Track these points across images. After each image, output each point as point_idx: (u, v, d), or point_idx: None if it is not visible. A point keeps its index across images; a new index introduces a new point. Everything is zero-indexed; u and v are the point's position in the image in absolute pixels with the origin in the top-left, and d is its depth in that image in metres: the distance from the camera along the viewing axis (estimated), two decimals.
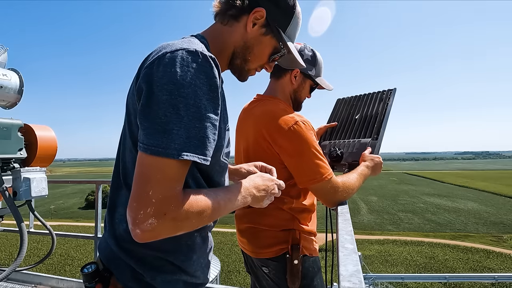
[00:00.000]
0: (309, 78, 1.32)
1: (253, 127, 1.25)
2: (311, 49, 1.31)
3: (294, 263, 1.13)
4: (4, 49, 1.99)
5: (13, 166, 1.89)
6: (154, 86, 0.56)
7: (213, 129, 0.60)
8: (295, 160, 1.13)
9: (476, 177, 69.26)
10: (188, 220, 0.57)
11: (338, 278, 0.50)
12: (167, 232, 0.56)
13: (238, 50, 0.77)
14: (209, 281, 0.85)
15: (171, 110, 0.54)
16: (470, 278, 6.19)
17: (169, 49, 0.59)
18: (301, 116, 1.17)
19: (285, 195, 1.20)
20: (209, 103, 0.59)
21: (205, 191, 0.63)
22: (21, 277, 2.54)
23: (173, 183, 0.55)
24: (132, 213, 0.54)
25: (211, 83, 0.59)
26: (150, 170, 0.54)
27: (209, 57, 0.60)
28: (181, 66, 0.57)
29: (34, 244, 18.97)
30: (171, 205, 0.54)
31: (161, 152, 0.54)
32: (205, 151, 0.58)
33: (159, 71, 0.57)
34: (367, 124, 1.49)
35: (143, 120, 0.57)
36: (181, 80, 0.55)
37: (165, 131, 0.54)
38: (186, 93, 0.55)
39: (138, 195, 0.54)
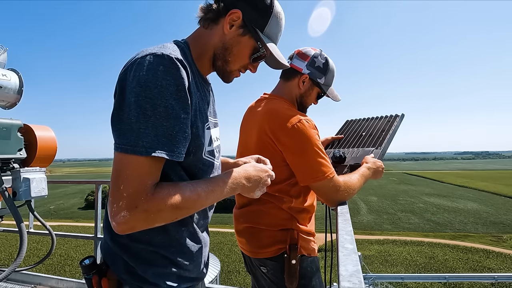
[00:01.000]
0: (317, 86, 1.31)
1: (257, 125, 1.26)
2: (325, 57, 1.30)
3: (292, 263, 1.13)
4: (4, 49, 1.99)
5: (13, 166, 1.89)
6: (125, 89, 0.62)
7: (182, 127, 0.64)
8: (298, 158, 1.13)
9: (476, 177, 69.28)
10: (162, 212, 0.60)
11: (338, 278, 0.50)
12: (141, 224, 0.59)
13: (218, 51, 0.79)
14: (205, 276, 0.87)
15: (139, 110, 0.59)
16: (470, 278, 6.19)
17: (140, 54, 0.64)
18: (304, 115, 1.18)
19: (284, 195, 1.20)
20: (177, 103, 0.62)
21: (183, 184, 0.66)
22: (21, 278, 2.54)
23: (144, 177, 0.59)
24: (109, 206, 0.59)
25: (178, 84, 0.63)
26: (121, 166, 0.59)
27: (175, 59, 0.64)
28: (148, 69, 0.60)
29: (33, 244, 18.96)
30: (141, 198, 0.58)
31: (129, 150, 0.58)
32: (173, 147, 0.62)
33: (130, 75, 0.62)
34: (373, 137, 1.52)
35: (115, 121, 0.62)
36: (147, 82, 0.60)
37: (133, 130, 0.59)
38: (153, 94, 0.59)
39: (112, 190, 0.59)
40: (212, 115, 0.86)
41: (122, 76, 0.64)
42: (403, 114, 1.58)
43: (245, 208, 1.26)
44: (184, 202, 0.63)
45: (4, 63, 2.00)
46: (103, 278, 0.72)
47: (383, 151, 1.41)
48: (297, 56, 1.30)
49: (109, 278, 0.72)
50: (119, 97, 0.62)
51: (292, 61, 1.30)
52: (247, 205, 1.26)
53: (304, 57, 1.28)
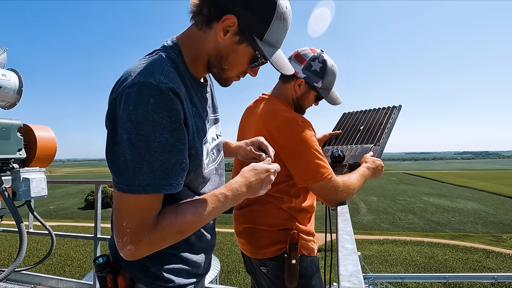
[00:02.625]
0: (314, 90, 1.29)
1: (254, 126, 1.25)
2: (324, 60, 1.25)
3: (292, 262, 1.13)
4: (4, 49, 1.99)
5: (13, 166, 1.89)
6: (116, 123, 0.60)
7: (179, 158, 0.63)
8: (295, 160, 1.13)
9: (476, 177, 69.30)
10: (165, 240, 0.64)
11: (338, 278, 0.50)
12: (147, 253, 0.63)
13: (213, 59, 0.73)
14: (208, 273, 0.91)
15: (133, 149, 0.58)
16: (469, 278, 6.20)
17: (129, 81, 0.60)
18: (301, 117, 1.18)
19: (284, 195, 1.20)
20: (171, 136, 0.61)
21: (185, 207, 0.67)
22: (21, 278, 2.54)
23: (144, 212, 0.60)
24: (116, 239, 0.62)
25: (170, 116, 0.60)
26: (121, 204, 0.61)
27: (166, 89, 0.60)
28: (138, 103, 0.58)
29: (33, 244, 18.95)
30: (144, 232, 0.60)
31: (126, 189, 0.59)
32: (171, 181, 0.62)
33: (120, 108, 0.59)
34: (371, 133, 1.51)
35: (110, 157, 0.61)
36: (138, 118, 0.57)
37: (128, 169, 0.59)
38: (145, 131, 0.58)
39: (116, 226, 0.62)
40: (212, 111, 0.85)
41: (112, 106, 0.61)
42: (400, 105, 1.56)
43: (245, 209, 1.26)
44: (186, 226, 0.65)
45: (4, 63, 2.00)
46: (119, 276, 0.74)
47: (382, 147, 1.40)
48: (295, 58, 1.28)
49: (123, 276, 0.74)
50: (112, 131, 0.61)
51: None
52: (247, 205, 1.26)
53: (301, 60, 1.26)
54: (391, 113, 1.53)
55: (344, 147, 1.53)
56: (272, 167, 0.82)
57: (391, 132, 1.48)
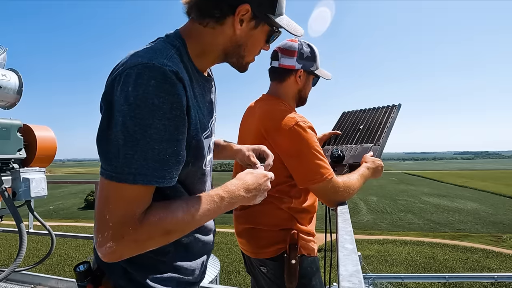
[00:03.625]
0: (312, 74, 1.32)
1: (254, 126, 1.26)
2: (308, 45, 1.29)
3: (292, 262, 1.13)
4: (4, 49, 1.99)
5: (13, 166, 1.89)
6: (112, 105, 0.55)
7: (176, 149, 0.58)
8: (295, 161, 1.13)
9: (476, 177, 69.29)
10: (151, 239, 0.57)
11: (338, 278, 0.50)
12: (130, 252, 0.56)
13: (230, 50, 0.72)
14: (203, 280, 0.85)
15: (127, 133, 0.53)
16: (469, 278, 6.20)
17: (128, 63, 0.56)
18: (302, 117, 1.18)
19: (284, 195, 1.20)
20: (170, 123, 0.56)
21: (176, 204, 0.60)
22: (21, 278, 2.54)
23: (131, 206, 0.54)
24: (95, 235, 0.55)
25: (172, 101, 0.56)
26: (107, 193, 0.54)
27: (169, 72, 0.56)
28: (137, 84, 0.53)
29: (33, 244, 18.97)
30: (129, 228, 0.54)
31: (115, 177, 0.53)
32: (165, 173, 0.57)
33: (117, 90, 0.55)
34: (370, 132, 1.51)
35: (101, 142, 0.56)
36: (137, 100, 0.53)
37: (119, 155, 0.53)
38: (143, 115, 0.53)
39: (97, 219, 0.54)
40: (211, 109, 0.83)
41: (109, 89, 0.57)
42: (400, 104, 1.56)
43: (245, 209, 1.27)
44: (176, 225, 0.59)
45: (4, 63, 2.00)
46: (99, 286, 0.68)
47: (382, 147, 1.40)
48: (283, 54, 1.27)
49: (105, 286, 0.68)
50: (106, 115, 0.56)
51: (280, 62, 1.28)
52: (247, 206, 1.27)
53: (290, 53, 1.26)
54: (391, 112, 1.53)
55: (344, 146, 1.53)
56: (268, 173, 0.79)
57: (390, 131, 1.48)
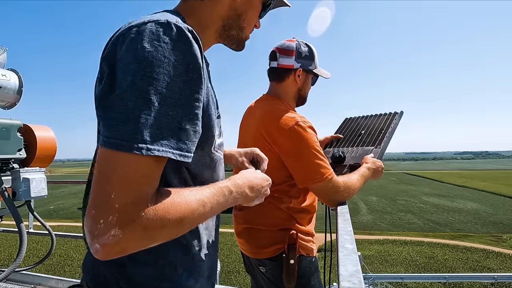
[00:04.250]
0: (310, 73, 1.33)
1: (254, 126, 1.26)
2: (306, 44, 1.30)
3: (290, 262, 1.14)
4: (4, 49, 1.99)
5: (13, 166, 1.89)
6: (117, 67, 0.47)
7: (193, 118, 0.50)
8: (295, 160, 1.13)
9: (476, 177, 69.32)
10: (164, 228, 0.46)
11: (338, 278, 0.50)
12: (136, 245, 0.45)
13: (230, 21, 0.69)
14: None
15: (137, 94, 0.44)
16: (469, 278, 6.19)
17: (135, 23, 0.49)
18: (302, 117, 1.18)
19: (283, 195, 1.20)
20: (186, 86, 0.49)
21: (188, 192, 0.52)
22: (21, 278, 2.54)
23: (143, 183, 0.45)
24: (90, 223, 0.42)
25: (189, 62, 0.49)
26: (112, 168, 0.44)
27: (186, 29, 0.50)
28: (150, 41, 0.46)
29: (33, 244, 18.95)
30: (141, 211, 0.44)
31: (125, 146, 0.43)
32: (182, 144, 0.48)
33: (122, 49, 0.47)
34: (372, 136, 1.53)
35: (104, 108, 0.47)
36: (149, 57, 0.45)
37: (129, 120, 0.44)
38: (156, 73, 0.45)
39: (97, 200, 0.43)
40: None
41: (111, 51, 0.49)
42: (402, 111, 1.59)
43: (245, 209, 1.27)
44: (190, 214, 0.49)
45: (4, 63, 2.00)
46: None
47: (383, 149, 1.41)
48: (281, 54, 1.29)
49: None
50: (109, 78, 0.47)
51: (279, 61, 1.29)
52: (246, 206, 1.27)
53: (288, 52, 1.28)
54: (393, 119, 1.55)
55: (345, 149, 1.55)
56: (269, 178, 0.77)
57: (392, 137, 1.50)
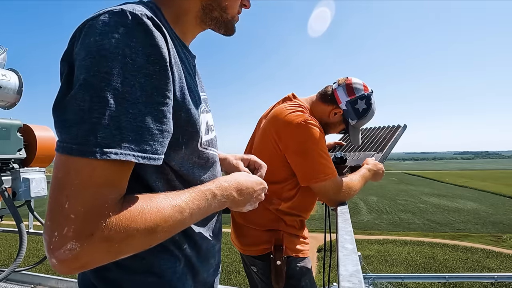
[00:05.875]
0: (345, 124, 1.29)
1: (264, 123, 1.27)
2: (370, 103, 1.25)
3: (277, 263, 1.14)
4: (4, 49, 1.99)
5: (13, 166, 1.89)
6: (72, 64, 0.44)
7: (158, 115, 0.45)
8: (300, 158, 1.14)
9: (476, 177, 69.32)
10: (131, 239, 0.41)
11: (338, 278, 0.51)
12: (99, 258, 0.40)
13: (208, 2, 0.62)
14: None
15: (91, 92, 0.40)
16: (469, 278, 6.19)
17: (91, 16, 0.46)
18: (311, 117, 1.18)
19: (274, 196, 1.20)
20: (148, 80, 0.44)
21: (163, 197, 0.47)
22: (21, 278, 2.54)
23: (101, 190, 0.40)
24: (46, 235, 0.39)
25: (149, 52, 0.44)
26: (65, 174, 0.39)
27: (143, 16, 0.45)
28: (103, 32, 0.42)
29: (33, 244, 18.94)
30: (100, 221, 0.39)
31: (76, 150, 0.39)
32: (145, 146, 0.43)
33: (78, 44, 0.44)
34: (374, 144, 1.55)
35: (58, 109, 0.43)
36: (101, 51, 0.41)
37: (82, 122, 0.39)
38: (111, 68, 0.41)
39: (51, 210, 0.39)
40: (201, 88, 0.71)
41: (68, 50, 0.45)
42: (405, 125, 1.60)
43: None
44: (163, 222, 0.45)
45: (4, 63, 2.00)
46: None
47: (384, 155, 1.42)
48: (345, 87, 1.24)
49: None
50: (66, 79, 0.44)
51: (337, 88, 1.26)
52: None
53: (350, 92, 1.24)
54: (396, 130, 1.56)
55: (347, 153, 1.56)
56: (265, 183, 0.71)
57: (394, 146, 1.51)
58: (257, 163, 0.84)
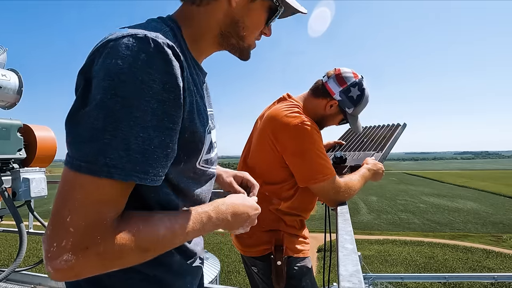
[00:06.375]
0: (343, 114, 1.28)
1: (261, 124, 1.26)
2: (363, 89, 1.24)
3: (278, 263, 1.14)
4: (4, 49, 1.99)
5: (13, 166, 1.89)
6: (89, 84, 0.46)
7: (165, 139, 0.48)
8: (298, 159, 1.14)
9: (476, 177, 69.29)
10: (123, 256, 0.45)
11: (338, 278, 0.51)
12: (91, 271, 0.44)
13: (228, 29, 0.64)
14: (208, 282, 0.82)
15: (106, 114, 0.43)
16: (469, 278, 6.19)
17: (113, 35, 0.47)
18: (308, 117, 1.18)
19: (274, 196, 1.20)
20: (160, 106, 0.46)
21: (158, 218, 0.50)
22: (21, 278, 2.54)
23: (102, 208, 0.43)
24: (45, 243, 0.42)
25: (166, 81, 0.46)
26: (71, 189, 0.42)
27: (164, 44, 0.47)
28: (124, 57, 0.44)
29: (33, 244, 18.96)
30: (97, 237, 0.42)
31: (84, 168, 0.42)
32: (148, 167, 0.46)
33: (98, 63, 0.45)
34: (374, 143, 1.54)
35: (71, 123, 0.45)
36: (121, 75, 0.43)
37: (94, 140, 0.42)
38: (127, 92, 0.43)
39: (54, 221, 0.42)
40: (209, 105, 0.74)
41: (87, 64, 0.47)
42: (405, 123, 1.60)
43: None
44: (155, 244, 0.48)
45: (4, 63, 2.00)
46: None
47: (384, 155, 1.42)
48: (335, 78, 1.24)
49: None
50: (82, 92, 0.46)
51: (328, 81, 1.25)
52: None
53: (341, 82, 1.23)
54: (395, 129, 1.56)
55: (347, 153, 1.56)
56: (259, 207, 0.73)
57: (394, 145, 1.51)
58: (250, 182, 0.84)
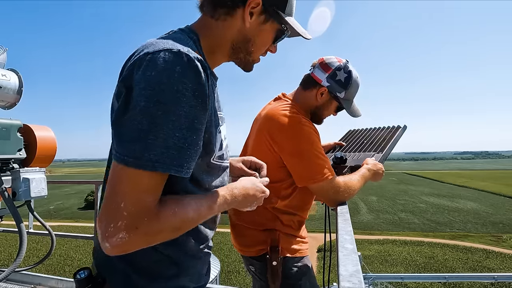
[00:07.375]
0: (336, 100, 1.27)
1: (258, 125, 1.26)
2: (349, 71, 1.23)
3: (273, 264, 1.14)
4: (4, 49, 1.99)
5: (13, 166, 1.89)
6: (132, 90, 0.54)
7: (195, 138, 0.57)
8: (296, 160, 1.13)
9: (476, 177, 69.27)
10: (162, 233, 0.56)
11: (338, 278, 0.50)
12: (138, 246, 0.55)
13: (239, 44, 0.72)
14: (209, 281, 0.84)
15: (149, 118, 0.51)
16: (469, 278, 6.19)
17: (151, 49, 0.55)
18: (305, 118, 1.17)
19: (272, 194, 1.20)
20: (192, 111, 0.55)
21: (187, 201, 0.61)
22: (21, 278, 2.54)
23: (147, 195, 0.53)
24: (102, 225, 0.51)
25: (195, 89, 0.55)
26: (122, 181, 0.52)
27: (195, 59, 0.56)
28: (163, 70, 0.52)
29: (33, 244, 18.96)
30: (144, 219, 0.52)
31: (132, 163, 0.51)
32: (183, 162, 0.55)
33: (138, 74, 0.53)
34: (374, 144, 1.54)
35: (118, 126, 0.54)
36: (161, 85, 0.52)
37: (139, 140, 0.51)
38: (166, 100, 0.52)
39: (108, 208, 0.52)
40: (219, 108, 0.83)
41: (128, 74, 0.55)
42: (405, 125, 1.59)
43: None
44: (185, 223, 0.60)
45: (4, 63, 2.00)
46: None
47: (384, 156, 1.42)
48: (319, 66, 1.25)
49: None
50: (125, 99, 0.54)
51: (313, 71, 1.26)
52: None
53: (326, 68, 1.23)
54: (396, 131, 1.56)
55: (347, 153, 1.56)
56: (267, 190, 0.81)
57: (394, 146, 1.50)
58: (258, 164, 0.94)
